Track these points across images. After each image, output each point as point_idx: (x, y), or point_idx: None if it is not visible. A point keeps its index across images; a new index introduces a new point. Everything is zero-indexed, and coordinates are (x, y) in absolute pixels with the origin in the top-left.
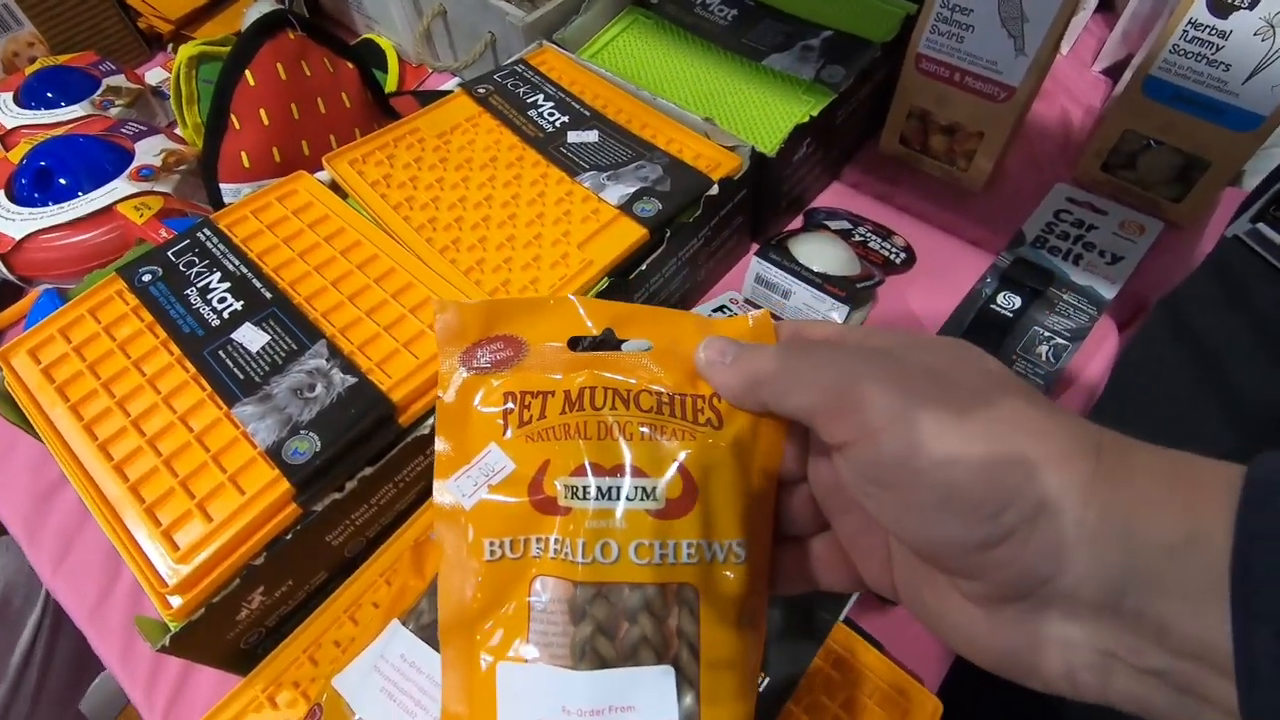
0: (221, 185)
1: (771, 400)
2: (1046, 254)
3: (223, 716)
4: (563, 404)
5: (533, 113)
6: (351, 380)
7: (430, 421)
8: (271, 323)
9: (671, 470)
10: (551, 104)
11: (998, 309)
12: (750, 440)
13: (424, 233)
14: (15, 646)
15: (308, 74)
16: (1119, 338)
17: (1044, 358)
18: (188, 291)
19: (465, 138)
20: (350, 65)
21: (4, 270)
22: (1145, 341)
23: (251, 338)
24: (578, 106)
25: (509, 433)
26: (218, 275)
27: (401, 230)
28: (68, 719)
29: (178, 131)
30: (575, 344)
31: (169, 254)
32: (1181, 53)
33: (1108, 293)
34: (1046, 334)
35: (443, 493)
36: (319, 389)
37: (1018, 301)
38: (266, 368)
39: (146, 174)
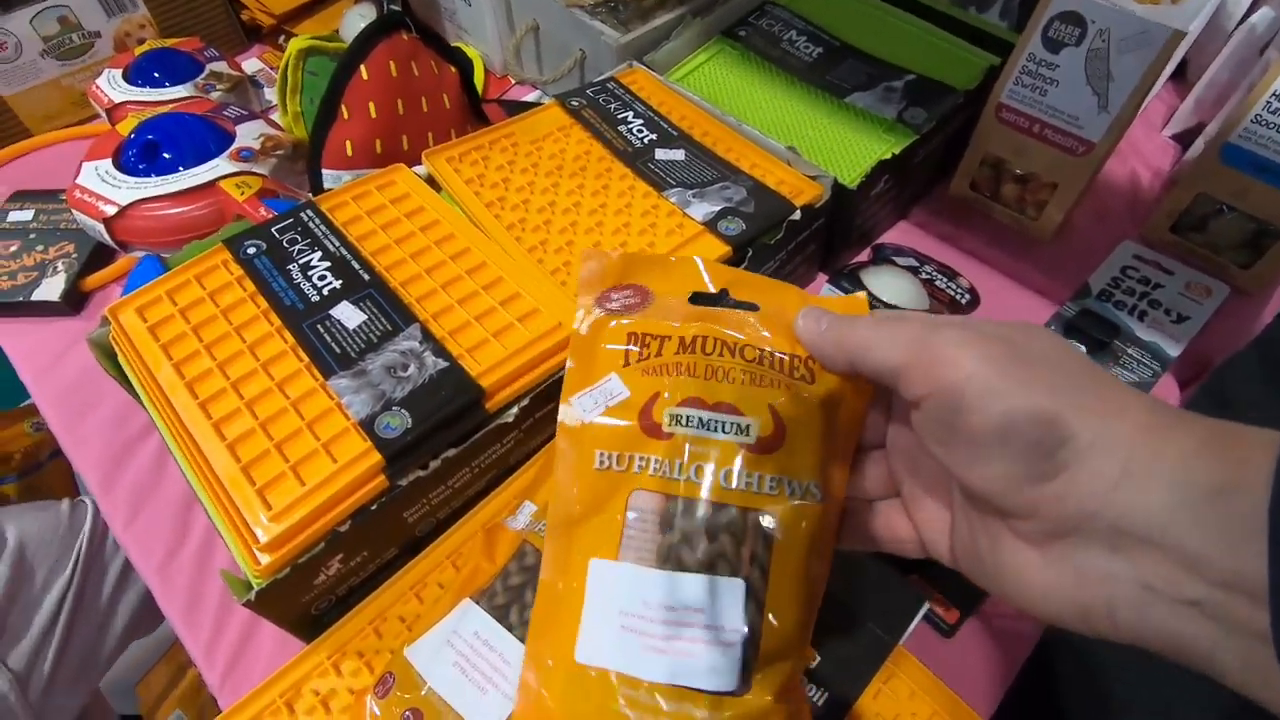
0: (324, 170)
1: (858, 359)
2: (1112, 307)
3: (289, 678)
4: (677, 346)
5: (623, 128)
6: (443, 364)
7: (514, 410)
8: (368, 303)
9: (765, 412)
10: (641, 121)
11: None
12: (837, 399)
13: (514, 231)
14: (39, 609)
15: (416, 74)
16: (1180, 396)
17: None
18: (289, 267)
19: (557, 146)
20: (453, 69)
21: (104, 234)
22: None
23: (349, 315)
24: (666, 125)
25: (628, 365)
26: (318, 254)
27: (492, 227)
28: (85, 692)
29: (274, 118)
30: (696, 299)
31: (273, 230)
32: (1263, 123)
33: (1172, 350)
34: None
35: (567, 407)
36: (412, 369)
37: (1083, 350)
38: (362, 345)
39: (246, 155)
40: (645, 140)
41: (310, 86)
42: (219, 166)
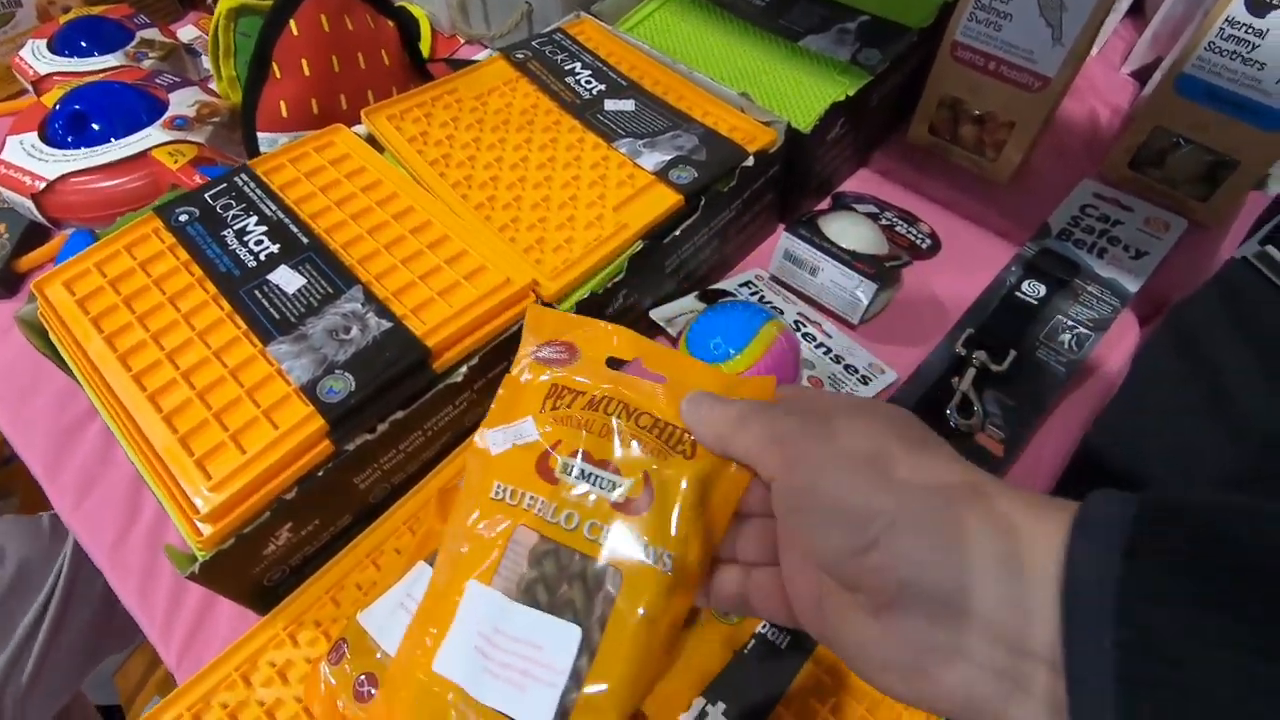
0: (259, 134)
1: (725, 448)
2: (1072, 246)
3: (245, 651)
4: (586, 403)
5: (570, 80)
6: (387, 324)
7: (463, 370)
8: (308, 266)
9: (639, 475)
10: (589, 72)
11: (1023, 296)
12: (714, 477)
13: (459, 189)
14: (18, 622)
15: (349, 28)
16: (1139, 332)
17: (1067, 345)
18: (224, 233)
19: (502, 100)
20: (391, 24)
21: (34, 211)
22: (1153, 355)
23: (288, 279)
24: (615, 76)
25: (543, 411)
26: (255, 219)
27: (437, 185)
28: (65, 696)
29: (211, 86)
30: (612, 364)
31: (206, 196)
32: (1216, 50)
33: (1131, 286)
34: (1070, 323)
35: (481, 436)
36: (354, 331)
37: (1043, 290)
38: (302, 309)
39: (180, 124)
40: (594, 91)
41: (244, 49)
42: (151, 136)
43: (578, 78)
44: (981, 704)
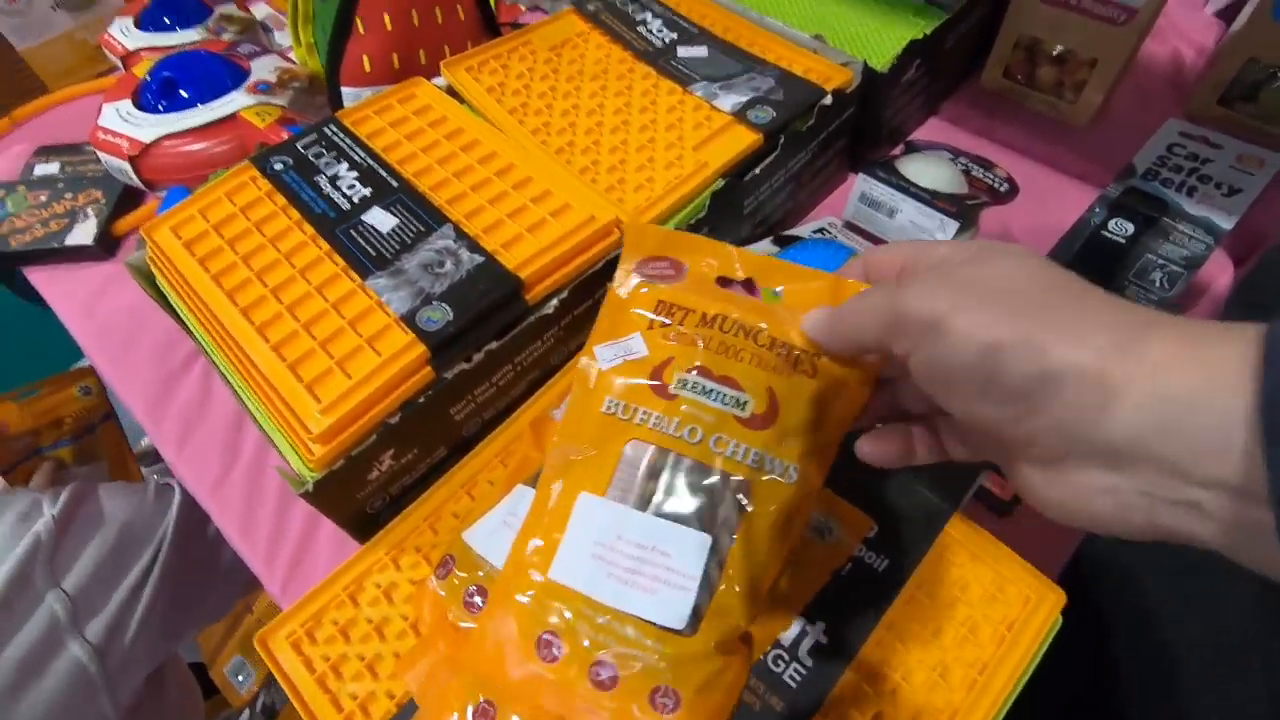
0: (343, 88)
1: (854, 345)
2: (1159, 185)
3: (351, 573)
4: (699, 320)
5: (642, 29)
6: (479, 259)
7: (554, 302)
8: (399, 207)
9: (763, 393)
10: (660, 21)
11: (1110, 235)
12: (835, 394)
13: (539, 135)
14: (120, 585)
15: None
16: (1234, 272)
17: (1158, 284)
18: (318, 178)
19: (576, 52)
20: None
21: (132, 175)
22: (1246, 298)
23: (381, 219)
24: (686, 24)
25: (651, 329)
26: (345, 165)
27: (516, 132)
28: (163, 657)
29: (290, 56)
30: (723, 283)
31: (298, 146)
32: None
33: (1225, 224)
34: (1160, 261)
35: (588, 357)
36: (448, 265)
37: (1130, 229)
38: (397, 246)
39: (263, 89)
40: (666, 40)
41: (322, 14)
42: (237, 100)
43: (649, 27)
44: (1160, 530)
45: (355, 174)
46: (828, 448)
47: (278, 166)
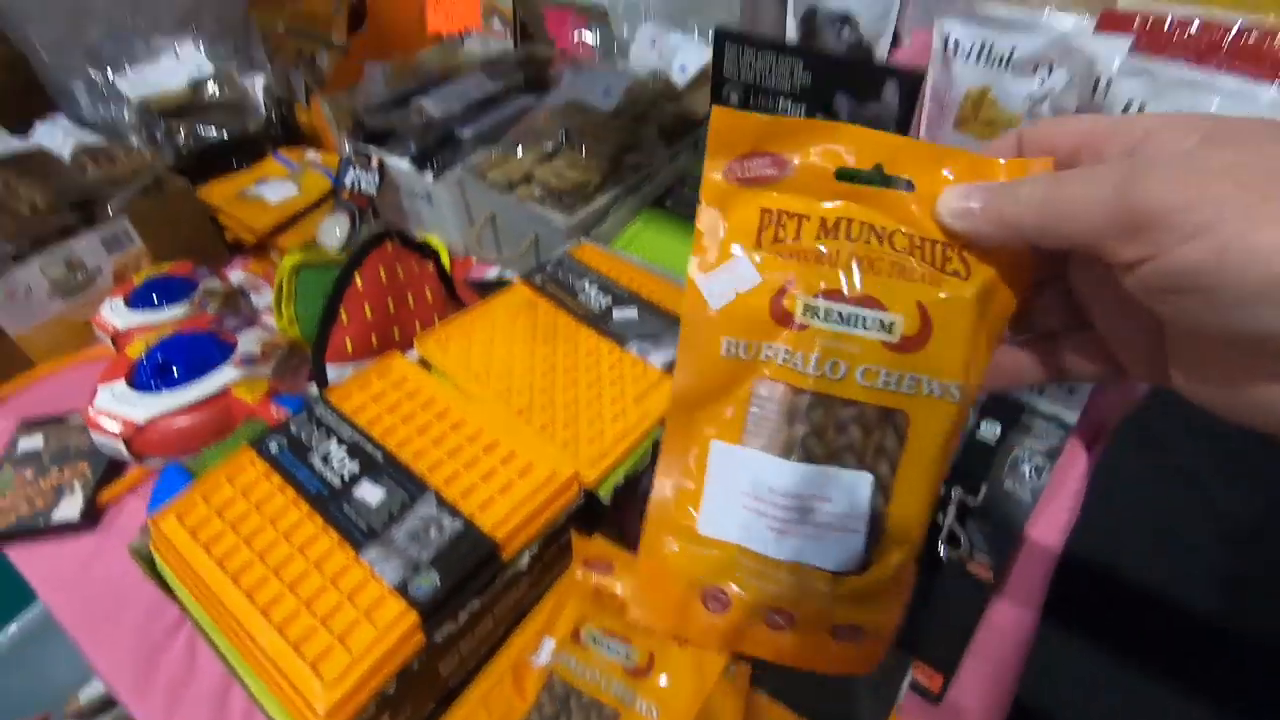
0: (327, 365)
1: (1039, 235)
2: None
3: None
4: (818, 229)
5: (581, 296)
6: (459, 524)
7: (526, 557)
8: (385, 479)
9: (912, 308)
10: (596, 288)
11: (982, 438)
12: (992, 290)
13: (502, 397)
14: None
15: (401, 275)
16: (1087, 455)
17: (1028, 475)
18: (311, 457)
19: (528, 319)
20: (430, 265)
21: (124, 451)
22: (1118, 459)
23: (370, 493)
24: (617, 289)
25: (759, 246)
26: (334, 441)
27: (483, 395)
28: None
29: (267, 321)
30: (843, 176)
31: (291, 426)
32: None
33: (1070, 418)
34: (1027, 454)
35: (697, 286)
36: (433, 532)
37: (998, 429)
38: (386, 517)
39: (249, 361)
40: (603, 304)
41: (303, 294)
42: (226, 373)
43: (588, 294)
44: None
45: (344, 449)
46: (988, 348)
47: (274, 448)
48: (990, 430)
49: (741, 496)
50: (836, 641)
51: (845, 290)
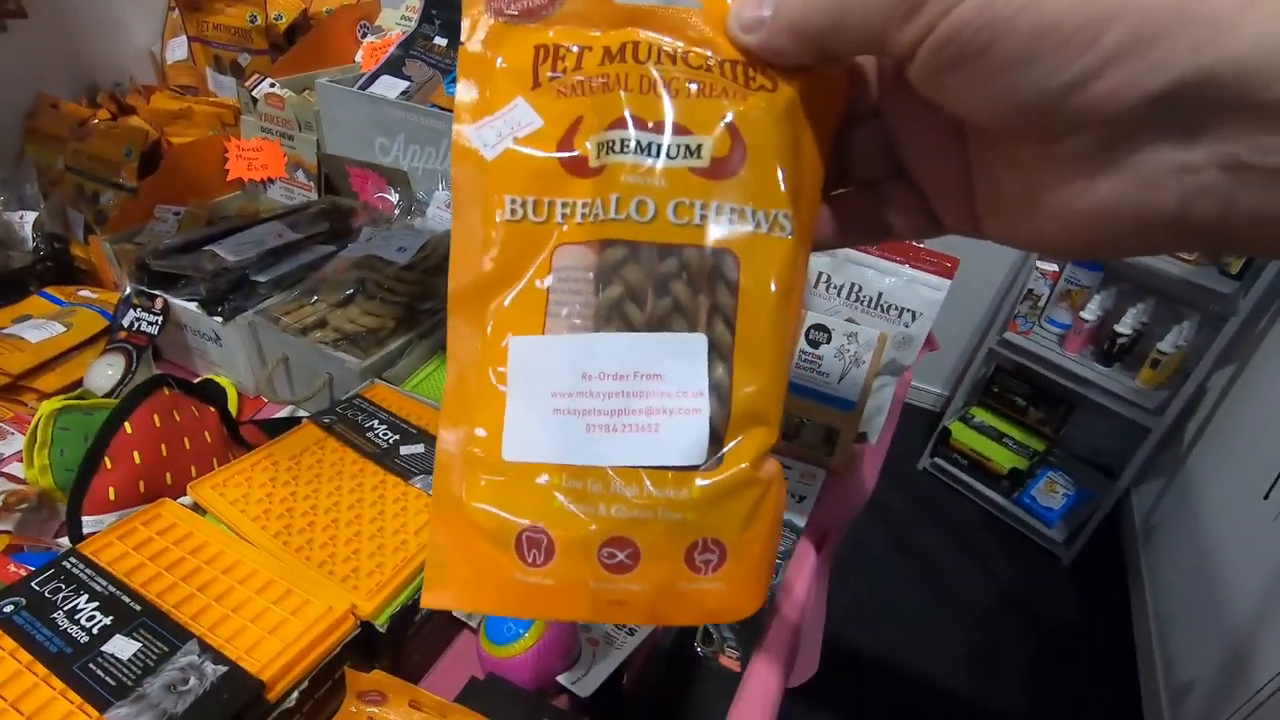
0: (84, 517)
1: (831, 37)
2: None
3: None
4: (601, 57)
5: (370, 434)
6: (223, 669)
7: (294, 695)
8: (142, 631)
9: (719, 128)
10: (385, 426)
11: None
12: (809, 101)
13: (280, 538)
14: None
15: (177, 419)
16: (816, 556)
17: None
18: (54, 615)
19: (314, 458)
20: (212, 409)
21: None
22: (846, 550)
23: (122, 647)
24: (406, 426)
25: (538, 86)
26: (85, 597)
27: (259, 538)
28: None
29: (5, 470)
30: None
31: (33, 584)
32: (801, 366)
33: (800, 522)
34: None
35: (463, 138)
36: (192, 681)
37: None
38: (139, 671)
39: None
40: (390, 441)
41: (60, 439)
42: None
43: (376, 431)
44: (1264, 220)
45: (95, 604)
46: (814, 171)
47: (8, 610)
48: None
49: (551, 399)
50: (697, 573)
51: (642, 117)
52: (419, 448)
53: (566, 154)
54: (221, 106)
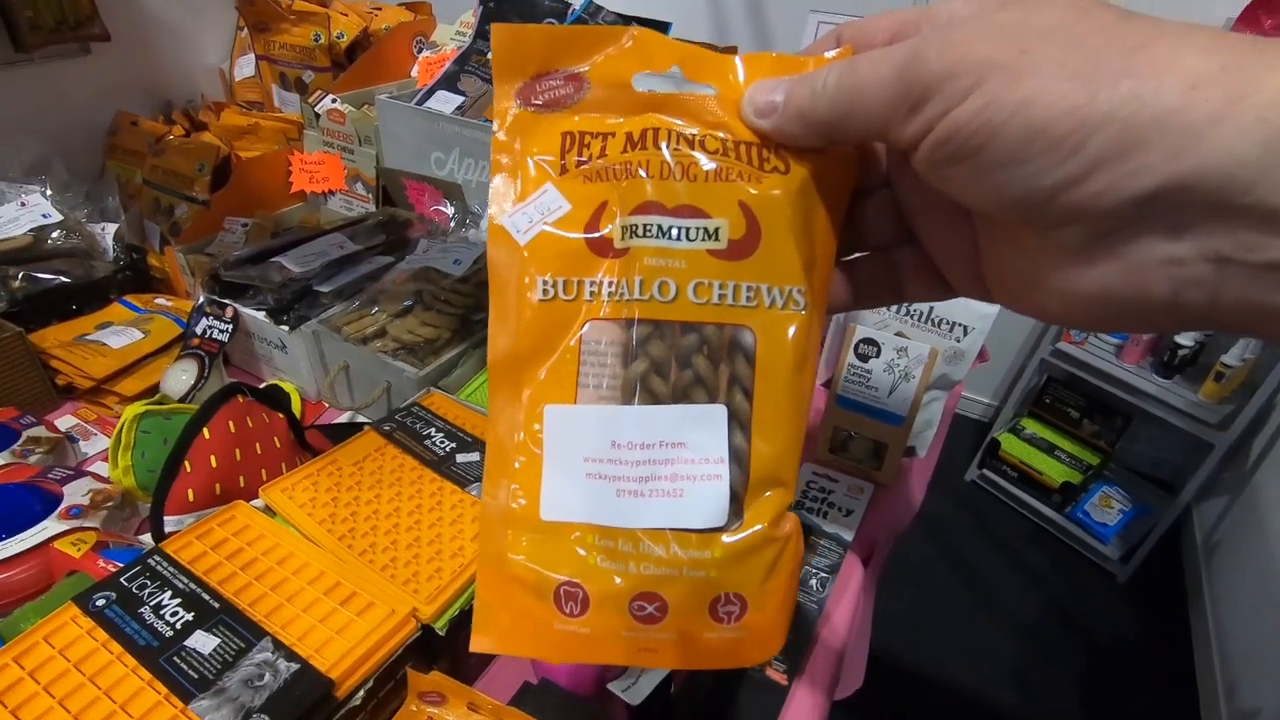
0: (166, 517)
1: (838, 124)
2: (803, 513)
3: None
4: (623, 144)
5: (428, 442)
6: (295, 667)
7: (360, 694)
8: (220, 628)
9: (735, 211)
10: (442, 434)
11: None
12: (819, 181)
13: (345, 541)
14: None
15: (250, 426)
16: (863, 570)
17: (815, 588)
18: (141, 610)
19: (374, 464)
20: (281, 416)
21: None
22: (897, 563)
23: (203, 642)
24: (463, 435)
25: (565, 173)
26: (169, 593)
27: (326, 540)
28: None
29: (93, 470)
30: (641, 84)
31: (122, 580)
32: (850, 380)
33: (848, 535)
34: (813, 570)
35: (498, 222)
36: (267, 677)
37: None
38: (219, 666)
39: (76, 513)
40: (447, 449)
41: (142, 442)
42: (49, 528)
43: (433, 440)
44: (1252, 311)
45: (178, 600)
46: (827, 249)
47: (100, 603)
48: None
49: (584, 464)
50: (720, 623)
51: (662, 202)
52: (474, 456)
53: (593, 234)
54: (286, 122)
